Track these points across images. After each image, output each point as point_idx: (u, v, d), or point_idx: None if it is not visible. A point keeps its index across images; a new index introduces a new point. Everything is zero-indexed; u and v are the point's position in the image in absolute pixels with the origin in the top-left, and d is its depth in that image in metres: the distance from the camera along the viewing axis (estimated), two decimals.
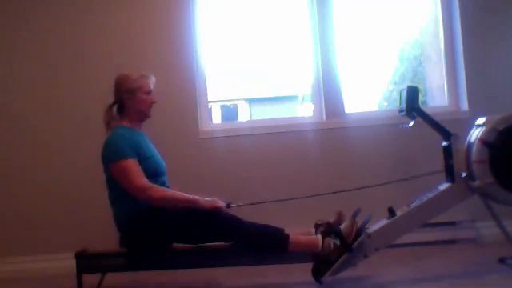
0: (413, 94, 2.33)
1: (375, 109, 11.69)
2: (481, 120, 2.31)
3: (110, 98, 3.00)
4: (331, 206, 2.31)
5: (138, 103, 2.30)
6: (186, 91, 3.05)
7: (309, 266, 2.18)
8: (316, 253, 2.15)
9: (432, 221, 2.40)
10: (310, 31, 3.16)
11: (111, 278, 2.32)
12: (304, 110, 12.60)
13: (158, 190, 2.15)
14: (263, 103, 13.85)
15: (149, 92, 2.33)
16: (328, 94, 3.10)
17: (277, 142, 3.04)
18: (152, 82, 2.37)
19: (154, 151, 2.39)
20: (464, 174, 2.28)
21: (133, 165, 2.16)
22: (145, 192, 2.12)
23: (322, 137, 3.05)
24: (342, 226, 2.20)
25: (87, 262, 2.28)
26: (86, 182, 3.00)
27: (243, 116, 13.89)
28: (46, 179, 3.01)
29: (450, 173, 2.32)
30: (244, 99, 14.15)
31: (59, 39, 3.06)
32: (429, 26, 3.44)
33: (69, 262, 2.33)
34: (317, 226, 2.27)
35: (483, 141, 2.20)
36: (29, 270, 2.90)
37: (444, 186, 2.32)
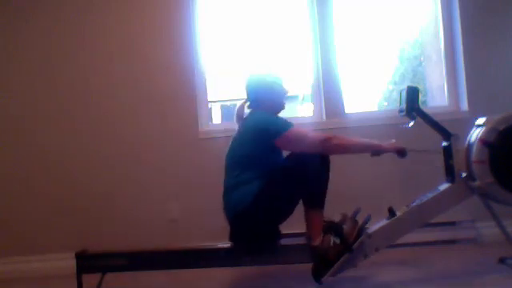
0: (413, 94, 2.33)
1: (375, 109, 11.70)
2: (481, 120, 2.31)
3: (110, 101, 3.04)
4: (331, 206, 2.31)
5: (276, 96, 2.37)
6: (186, 91, 3.05)
7: (309, 266, 2.18)
8: (314, 245, 2.15)
9: (432, 221, 2.39)
10: (310, 31, 3.16)
11: (111, 278, 2.32)
12: (304, 110, 12.60)
13: (340, 137, 2.25)
14: None
15: (282, 83, 2.39)
16: (328, 94, 3.10)
17: None
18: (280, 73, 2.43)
19: None
20: (464, 174, 2.28)
21: (300, 128, 2.27)
22: (331, 141, 2.19)
23: None
24: (345, 226, 2.20)
25: (87, 262, 2.28)
26: (86, 182, 3.01)
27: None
28: (45, 179, 3.02)
29: (450, 173, 2.32)
30: (244, 99, 14.11)
31: (59, 39, 3.06)
32: (429, 26, 3.44)
33: (69, 262, 2.33)
34: None
35: (483, 141, 2.20)
36: (29, 270, 2.90)
37: (444, 186, 2.32)
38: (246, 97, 2.44)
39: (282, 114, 2.44)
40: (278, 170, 2.20)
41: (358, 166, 2.99)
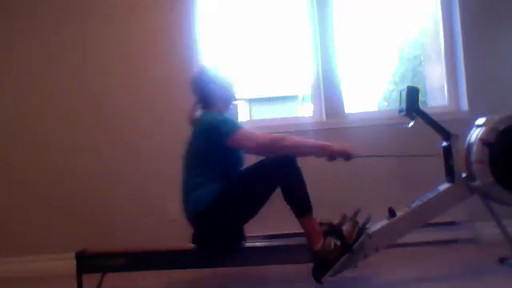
0: (413, 94, 2.33)
1: (375, 109, 11.71)
2: (481, 120, 2.31)
3: (109, 100, 3.04)
4: (331, 206, 2.31)
5: (223, 88, 2.35)
6: (187, 91, 3.03)
7: (309, 266, 2.18)
8: (315, 250, 2.15)
9: (432, 221, 2.39)
10: (310, 31, 3.16)
11: (111, 278, 2.32)
12: (304, 110, 12.61)
13: (288, 138, 2.21)
14: (263, 103, 13.86)
15: (225, 75, 2.39)
16: (328, 94, 3.10)
17: None
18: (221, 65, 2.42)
19: None
20: (464, 174, 2.28)
21: (249, 130, 2.27)
22: (279, 142, 2.18)
23: (322, 137, 3.04)
24: (344, 227, 2.20)
25: (87, 261, 2.28)
26: (86, 182, 3.01)
27: (243, 116, 13.89)
28: (45, 179, 3.01)
29: (450, 173, 2.32)
30: (244, 99, 14.15)
31: (59, 39, 3.06)
32: (429, 26, 3.44)
33: (69, 262, 2.33)
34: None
35: (483, 141, 2.20)
36: (29, 270, 2.90)
37: (444, 186, 2.32)
38: (194, 99, 2.40)
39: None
40: (245, 172, 2.21)
41: (358, 166, 2.99)
